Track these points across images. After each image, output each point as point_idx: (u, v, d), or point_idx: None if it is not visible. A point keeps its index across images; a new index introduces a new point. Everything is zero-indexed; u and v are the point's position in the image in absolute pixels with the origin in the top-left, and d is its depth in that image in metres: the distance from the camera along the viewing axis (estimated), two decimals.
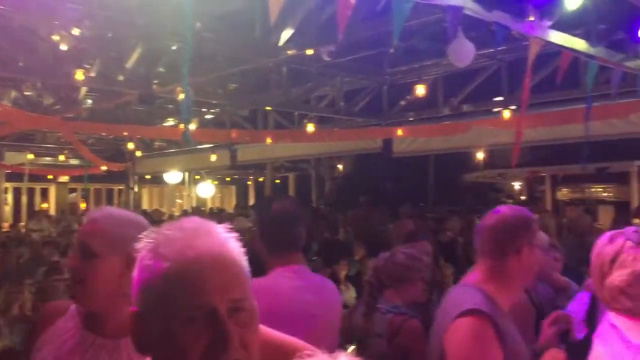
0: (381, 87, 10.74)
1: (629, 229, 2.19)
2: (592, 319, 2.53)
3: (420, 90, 9.32)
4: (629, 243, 2.10)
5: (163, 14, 6.67)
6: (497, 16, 4.89)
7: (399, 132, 10.23)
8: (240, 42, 7.56)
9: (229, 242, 1.12)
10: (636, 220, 8.06)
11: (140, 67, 8.56)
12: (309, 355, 0.96)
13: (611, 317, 2.11)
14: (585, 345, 2.30)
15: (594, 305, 2.60)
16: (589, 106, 5.95)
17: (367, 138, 11.34)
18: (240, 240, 1.16)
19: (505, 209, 2.53)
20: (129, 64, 8.24)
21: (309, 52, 7.38)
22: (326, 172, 19.59)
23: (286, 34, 6.81)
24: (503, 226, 2.40)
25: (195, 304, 1.04)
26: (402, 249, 3.48)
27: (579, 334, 2.42)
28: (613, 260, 2.10)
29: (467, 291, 2.34)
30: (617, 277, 2.07)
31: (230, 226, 1.17)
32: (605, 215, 11.15)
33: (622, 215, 9.25)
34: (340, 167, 22.18)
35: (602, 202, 13.23)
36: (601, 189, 13.34)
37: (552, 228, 8.38)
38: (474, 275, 2.46)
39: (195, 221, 1.14)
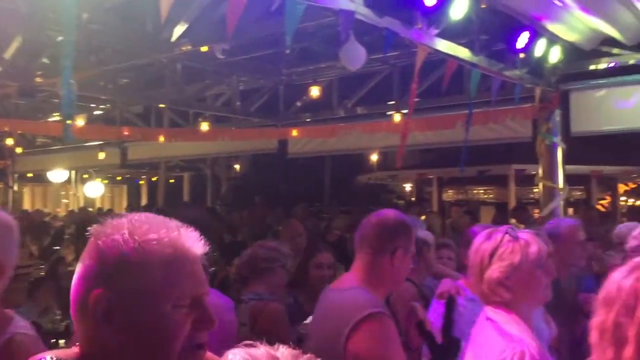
0: (277, 87, 10.77)
1: (505, 227, 2.31)
2: (450, 324, 2.67)
3: (315, 91, 9.45)
4: (507, 237, 2.21)
5: (47, 3, 6.30)
6: (388, 22, 5.05)
7: (294, 132, 10.31)
8: (131, 36, 7.30)
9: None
10: (513, 220, 8.61)
11: (20, 58, 8.04)
12: (251, 345, 1.06)
13: (488, 312, 2.20)
14: (450, 347, 2.47)
15: (450, 310, 2.73)
16: (471, 112, 6.29)
17: (262, 138, 11.33)
18: None
19: (389, 212, 2.64)
20: (8, 54, 7.71)
21: (204, 49, 7.25)
22: (222, 172, 19.35)
23: (179, 29, 6.64)
24: (385, 225, 2.52)
25: (191, 289, 1.18)
26: (261, 243, 3.76)
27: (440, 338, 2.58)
28: (492, 254, 2.20)
29: (357, 293, 2.42)
30: (497, 269, 2.17)
31: None
32: (487, 215, 11.84)
33: (501, 215, 9.88)
34: (237, 167, 21.96)
35: (484, 203, 14.09)
36: (482, 191, 14.22)
37: (437, 227, 8.84)
38: (351, 275, 2.55)
39: (158, 217, 1.26)
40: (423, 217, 8.96)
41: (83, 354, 1.21)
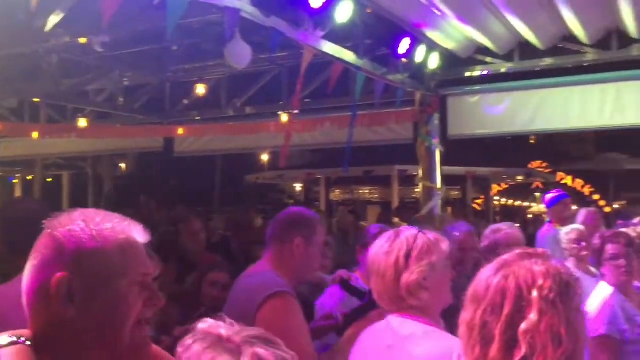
0: (163, 84, 10.46)
1: (407, 227, 2.25)
2: (354, 289, 2.90)
3: (201, 89, 9.28)
4: (421, 236, 2.10)
5: None
6: (274, 22, 5.06)
7: (180, 131, 10.07)
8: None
9: None
10: (396, 219, 8.94)
11: None
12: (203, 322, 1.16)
13: (401, 327, 2.07)
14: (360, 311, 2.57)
15: (346, 284, 2.96)
16: (355, 113, 6.46)
17: (146, 136, 10.95)
18: None
19: (293, 208, 3.05)
20: None
21: (82, 41, 6.89)
22: (106, 171, 18.51)
23: (54, 19, 6.26)
24: (286, 219, 2.81)
25: (142, 271, 1.35)
26: None
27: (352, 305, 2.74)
28: (407, 256, 2.07)
29: (265, 276, 2.66)
30: (416, 270, 2.05)
31: None
32: (373, 215, 12.23)
33: (385, 214, 10.24)
34: (123, 165, 21.12)
35: (370, 202, 14.54)
36: (368, 191, 14.67)
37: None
38: (261, 263, 2.80)
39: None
40: None
41: (37, 337, 1.33)
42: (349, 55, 6.23)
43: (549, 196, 5.63)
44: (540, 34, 7.02)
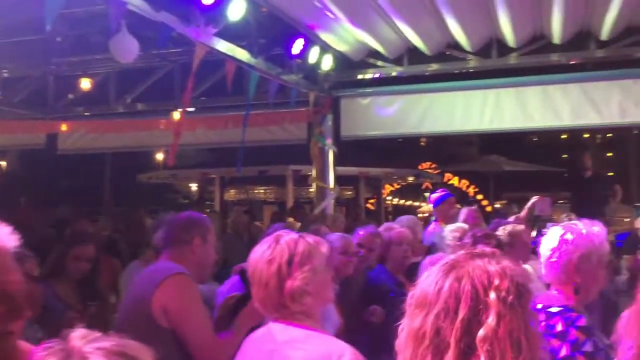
0: (46, 77, 9.86)
1: (284, 232, 2.19)
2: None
3: (86, 84, 8.84)
4: (301, 241, 2.08)
5: None
6: (164, 17, 4.92)
7: (63, 127, 9.54)
8: None
9: None
10: (290, 219, 8.99)
11: None
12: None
13: (280, 334, 2.05)
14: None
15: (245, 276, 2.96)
16: (247, 113, 6.42)
17: (27, 132, 10.27)
18: None
19: (187, 212, 3.23)
20: None
21: None
22: None
23: None
24: (183, 220, 2.99)
25: (4, 279, 1.29)
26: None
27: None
28: (290, 262, 2.04)
29: (165, 264, 2.83)
30: (298, 276, 2.03)
31: None
32: (269, 215, 12.20)
33: (279, 214, 10.26)
34: (3, 163, 19.73)
35: (266, 202, 14.52)
36: (263, 191, 14.65)
37: (216, 227, 8.88)
38: (161, 261, 2.94)
39: None
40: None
41: None
42: (242, 54, 6.19)
43: (434, 196, 5.90)
44: (427, 40, 7.33)
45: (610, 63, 7.65)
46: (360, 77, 8.15)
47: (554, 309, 2.31)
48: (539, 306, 2.34)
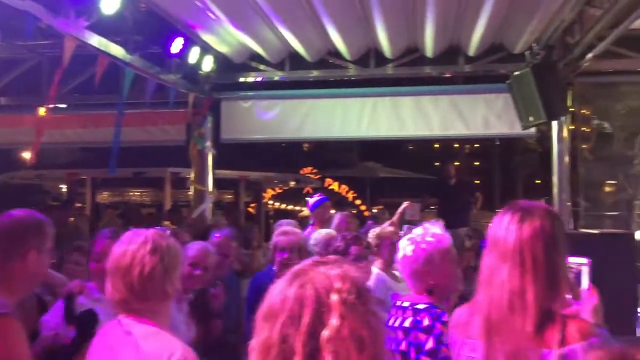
0: None
1: (144, 229, 2.19)
2: (70, 312, 2.72)
3: None
4: (149, 244, 2.08)
5: None
6: (29, 6, 4.60)
7: None
8: None
9: None
10: (167, 222, 8.71)
11: None
12: None
13: (128, 325, 2.08)
14: (77, 343, 2.36)
15: (69, 302, 2.75)
16: (121, 112, 6.15)
17: None
18: None
19: (16, 213, 2.45)
20: None
21: None
22: None
23: None
24: (11, 230, 2.35)
25: None
26: None
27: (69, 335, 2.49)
28: (131, 262, 2.08)
29: None
30: (146, 271, 2.06)
31: None
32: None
33: (155, 217, 9.92)
34: None
35: (143, 205, 13.96)
36: (139, 193, 14.11)
37: (85, 231, 8.42)
38: None
39: None
40: (71, 219, 8.45)
41: None
42: (117, 50, 5.93)
43: (311, 200, 5.99)
44: (308, 47, 7.43)
45: (477, 77, 8.20)
46: (242, 80, 8.10)
47: (420, 306, 2.49)
48: (407, 304, 2.54)
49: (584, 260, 2.06)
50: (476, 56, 7.53)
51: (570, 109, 8.03)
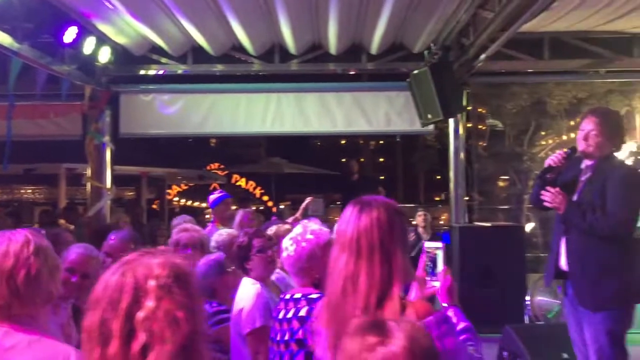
0: None
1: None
2: None
3: None
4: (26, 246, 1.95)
5: None
6: None
7: None
8: None
9: None
10: (62, 221, 8.31)
11: None
12: None
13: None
14: None
15: None
16: (12, 103, 5.78)
17: None
18: None
19: None
20: None
21: None
22: None
23: None
24: None
25: None
26: None
27: None
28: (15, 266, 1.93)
29: None
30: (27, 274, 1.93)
31: None
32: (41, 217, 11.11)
33: (49, 216, 9.42)
34: None
35: (36, 203, 13.20)
36: (31, 190, 13.33)
37: None
38: None
39: None
40: None
41: None
42: (4, 38, 5.54)
43: (212, 197, 5.85)
44: (211, 41, 7.30)
45: (379, 75, 8.39)
46: (142, 72, 7.83)
47: (314, 296, 2.55)
48: (299, 295, 2.60)
49: (439, 244, 2.16)
50: (378, 54, 7.70)
51: (468, 108, 8.42)
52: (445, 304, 2.10)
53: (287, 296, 2.65)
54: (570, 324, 3.84)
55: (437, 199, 21.63)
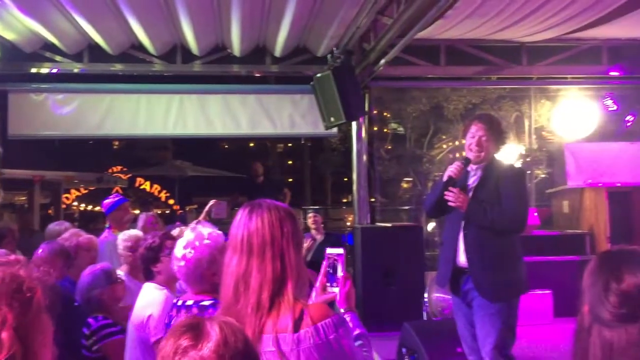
0: None
1: None
2: None
3: None
4: None
5: None
6: None
7: None
8: None
9: None
10: None
11: None
12: None
13: None
14: None
15: None
16: None
17: None
18: None
19: None
20: None
21: None
22: None
23: None
24: None
25: None
26: None
27: None
28: None
29: None
30: None
31: None
32: None
33: None
34: None
35: None
36: None
37: None
38: None
39: None
40: None
41: None
42: None
43: (107, 201, 5.49)
44: (109, 40, 7.04)
45: (285, 78, 8.41)
46: (34, 70, 7.41)
47: (206, 302, 2.48)
48: (190, 302, 2.51)
49: (340, 250, 2.18)
50: (282, 57, 7.71)
51: (374, 112, 8.63)
52: (342, 310, 2.12)
53: (179, 302, 2.56)
54: (459, 321, 4.01)
55: (344, 200, 21.97)
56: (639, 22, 6.30)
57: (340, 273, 2.15)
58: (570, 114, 8.73)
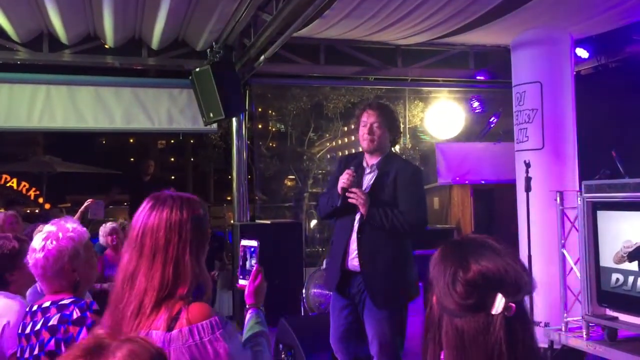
0: None
1: None
2: None
3: None
4: None
5: None
6: None
7: None
8: None
9: None
10: None
11: None
12: None
13: None
14: None
15: None
16: None
17: None
18: None
19: None
20: None
21: None
22: None
23: None
24: None
25: None
26: None
27: None
28: None
29: None
30: None
31: None
32: None
33: None
34: None
35: None
36: None
37: None
38: None
39: None
40: None
41: None
42: None
43: None
44: None
45: (163, 71, 8.14)
46: None
47: (66, 301, 2.34)
48: (47, 304, 2.35)
49: (254, 242, 2.15)
50: (160, 50, 7.47)
51: (259, 109, 8.59)
52: (247, 305, 2.08)
53: (34, 307, 2.38)
54: (333, 322, 3.91)
55: (228, 198, 21.77)
56: (503, 30, 6.74)
57: (251, 266, 2.11)
58: (441, 115, 9.21)
